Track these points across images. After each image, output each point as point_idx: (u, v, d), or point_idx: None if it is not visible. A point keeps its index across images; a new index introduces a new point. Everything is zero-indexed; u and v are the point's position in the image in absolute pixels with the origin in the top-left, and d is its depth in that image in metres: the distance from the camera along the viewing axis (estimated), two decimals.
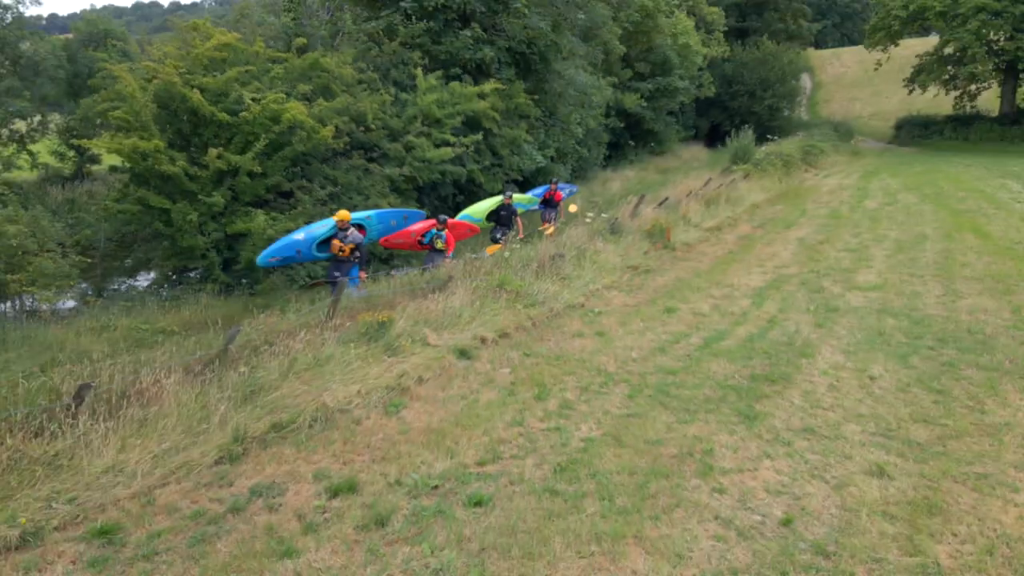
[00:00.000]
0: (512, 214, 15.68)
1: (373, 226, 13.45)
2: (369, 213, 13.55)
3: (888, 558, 4.66)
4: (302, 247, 12.08)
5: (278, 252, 11.95)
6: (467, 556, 4.79)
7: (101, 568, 4.75)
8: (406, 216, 14.16)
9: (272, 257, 11.96)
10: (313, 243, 12.17)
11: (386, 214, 13.93)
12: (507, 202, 15.51)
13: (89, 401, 6.05)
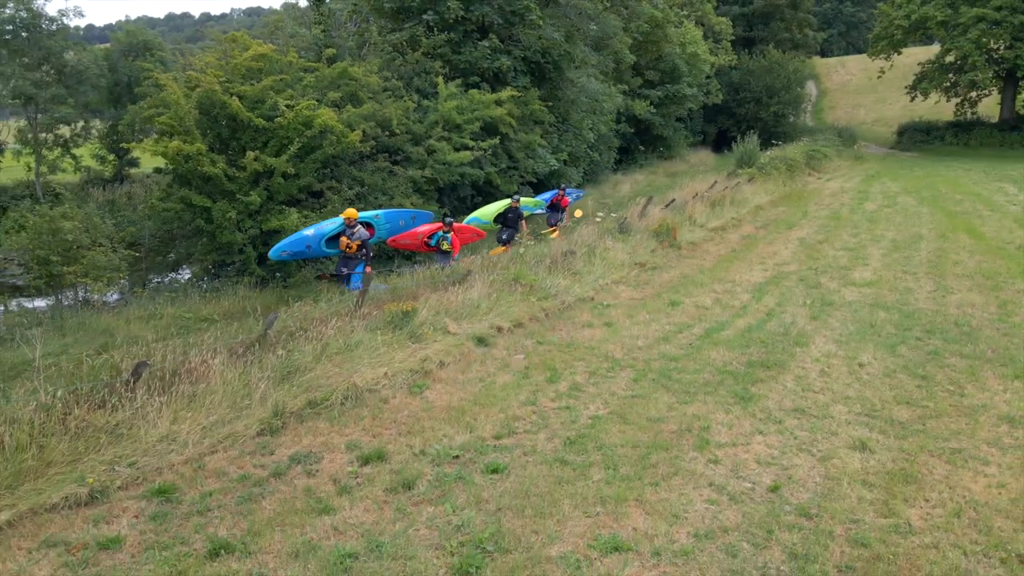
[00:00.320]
0: (519, 217, 16.18)
1: (381, 225, 13.82)
2: (378, 212, 13.91)
3: (865, 519, 5.22)
4: (311, 243, 12.59)
5: (289, 247, 12.49)
6: (485, 515, 5.37)
7: (161, 521, 5.35)
8: (414, 217, 14.54)
9: (283, 251, 12.54)
10: (322, 239, 12.66)
11: (394, 214, 14.31)
12: (514, 205, 16.04)
13: (145, 377, 6.68)
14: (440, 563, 4.75)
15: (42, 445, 5.83)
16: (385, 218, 13.94)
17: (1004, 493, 5.49)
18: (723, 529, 5.12)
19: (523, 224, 16.24)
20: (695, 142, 41.55)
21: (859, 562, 4.67)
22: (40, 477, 5.69)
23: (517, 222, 16.13)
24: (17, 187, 30.43)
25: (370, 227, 13.58)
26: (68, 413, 6.20)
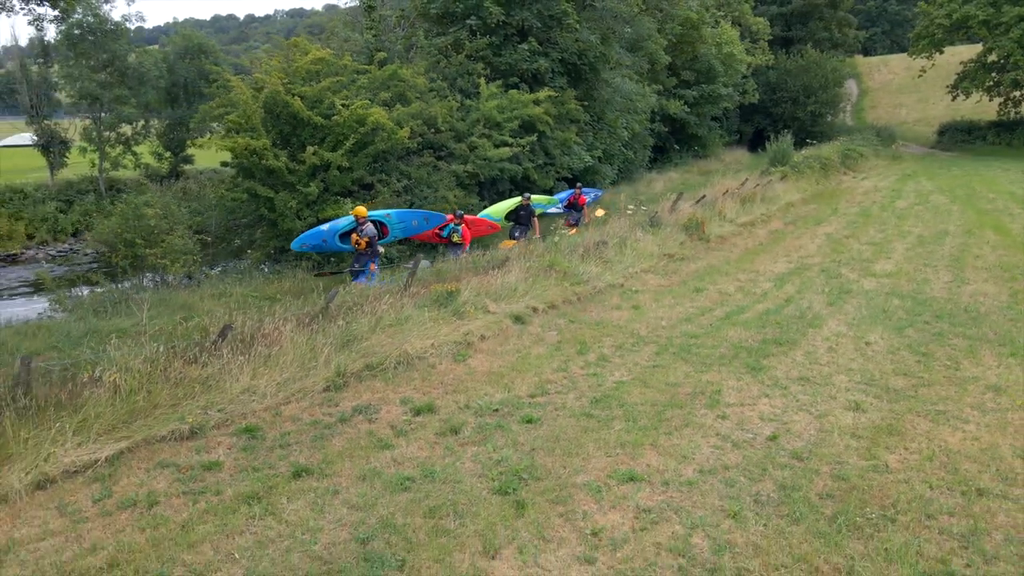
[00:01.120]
0: (530, 214, 16.43)
1: (394, 224, 14.26)
2: (389, 212, 14.41)
3: (848, 461, 6.02)
4: (327, 237, 13.23)
5: (308, 239, 13.21)
6: (521, 454, 6.29)
7: (250, 452, 6.39)
8: (427, 218, 14.95)
9: (303, 243, 13.27)
10: (335, 234, 13.25)
11: (407, 214, 14.77)
12: (525, 203, 16.42)
13: (229, 339, 7.76)
14: (483, 486, 5.69)
15: (149, 391, 6.93)
16: (397, 217, 14.42)
17: (976, 444, 6.24)
18: (724, 467, 5.97)
19: (535, 222, 16.51)
20: (730, 141, 41.89)
21: (838, 491, 5.48)
22: (149, 416, 6.79)
23: (529, 220, 16.41)
24: (82, 182, 32.20)
25: (384, 227, 14.04)
26: (168, 366, 7.30)
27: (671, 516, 5.22)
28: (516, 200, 16.73)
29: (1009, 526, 4.97)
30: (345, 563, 4.69)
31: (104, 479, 5.85)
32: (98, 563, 4.72)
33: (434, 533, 5.03)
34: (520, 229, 16.42)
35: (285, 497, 5.56)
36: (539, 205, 17.75)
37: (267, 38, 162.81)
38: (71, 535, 5.08)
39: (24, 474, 5.74)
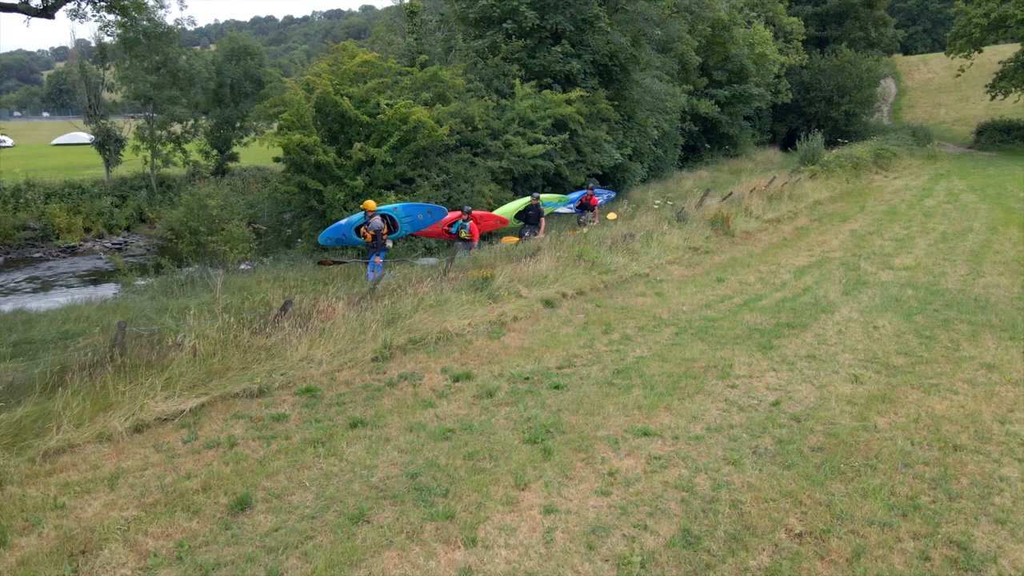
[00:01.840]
0: (539, 215, 16.60)
1: (401, 218, 14.69)
2: (397, 205, 14.85)
3: (841, 422, 6.71)
4: (345, 231, 13.83)
5: (331, 233, 13.86)
6: (548, 413, 7.09)
7: (312, 407, 7.30)
8: (431, 211, 15.27)
9: (328, 237, 13.90)
10: (351, 228, 13.77)
11: (413, 207, 15.19)
12: (534, 203, 16.49)
13: (290, 313, 8.71)
14: (515, 437, 6.51)
15: (223, 355, 7.90)
16: (404, 211, 14.89)
17: (961, 410, 6.88)
18: (729, 426, 6.71)
19: (542, 222, 16.70)
20: (763, 141, 42.11)
21: (828, 445, 6.19)
22: (222, 377, 7.75)
23: (538, 219, 16.59)
24: (135, 179, 33.80)
25: (395, 222, 14.49)
26: (238, 335, 8.27)
27: (678, 462, 5.98)
28: (526, 200, 17.03)
29: (976, 474, 5.64)
30: (398, 491, 5.56)
31: (190, 425, 6.81)
32: (193, 486, 5.65)
33: (472, 471, 5.86)
34: (529, 228, 16.65)
35: (344, 442, 6.45)
36: (549, 204, 17.96)
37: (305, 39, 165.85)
38: (168, 466, 6.04)
39: (124, 419, 6.72)
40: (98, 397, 6.85)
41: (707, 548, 4.73)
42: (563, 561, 4.64)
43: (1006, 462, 5.83)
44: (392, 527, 5.04)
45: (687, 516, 5.13)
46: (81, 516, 5.25)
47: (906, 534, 4.81)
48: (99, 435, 6.49)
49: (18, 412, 6.46)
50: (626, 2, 20.79)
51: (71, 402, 6.66)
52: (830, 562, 4.54)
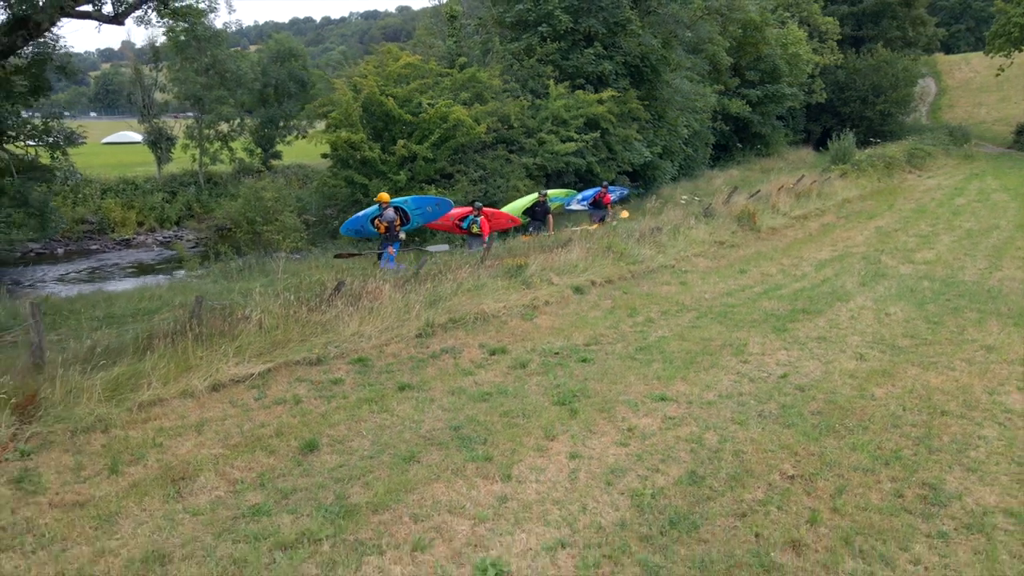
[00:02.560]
0: (546, 211, 16.79)
1: (412, 210, 15.03)
2: (407, 198, 15.22)
3: (842, 392, 7.38)
4: (363, 222, 14.37)
5: (351, 224, 14.43)
6: (576, 382, 7.88)
7: (364, 374, 8.19)
8: (438, 204, 15.60)
9: (348, 228, 14.49)
10: (367, 219, 14.27)
11: (423, 200, 15.58)
12: (541, 199, 16.74)
13: (342, 293, 9.63)
14: (545, 400, 7.32)
15: (284, 328, 8.83)
16: (414, 203, 15.22)
17: (955, 384, 7.50)
18: (739, 394, 7.43)
19: (550, 218, 16.83)
20: (796, 140, 42.22)
21: (827, 410, 6.88)
22: (284, 347, 8.68)
23: (544, 216, 16.77)
24: (184, 175, 35.30)
25: (407, 215, 14.84)
26: (297, 311, 9.20)
27: (690, 422, 6.73)
28: (534, 196, 17.26)
29: (958, 433, 6.29)
30: (443, 440, 6.40)
31: (259, 386, 7.74)
32: (268, 433, 6.57)
33: (507, 426, 6.68)
34: (535, 225, 16.88)
35: (395, 401, 7.32)
36: (557, 199, 18.22)
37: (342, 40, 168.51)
38: (244, 417, 6.96)
39: (203, 380, 7.67)
40: (180, 360, 7.81)
41: (709, 485, 5.48)
42: (585, 493, 5.43)
43: (987, 425, 6.46)
44: (439, 466, 5.88)
45: (694, 461, 5.89)
46: (176, 452, 6.19)
47: (885, 478, 5.51)
48: (183, 392, 7.45)
49: (115, 371, 7.45)
50: (657, 5, 21.48)
51: (158, 364, 7.62)
52: (815, 497, 5.26)
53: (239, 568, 4.53)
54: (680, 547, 4.66)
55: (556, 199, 18.23)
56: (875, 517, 4.94)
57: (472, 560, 4.58)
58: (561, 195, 18.70)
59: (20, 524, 5.09)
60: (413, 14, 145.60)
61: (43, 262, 26.40)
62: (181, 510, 5.28)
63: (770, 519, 4.96)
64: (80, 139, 14.50)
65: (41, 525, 5.08)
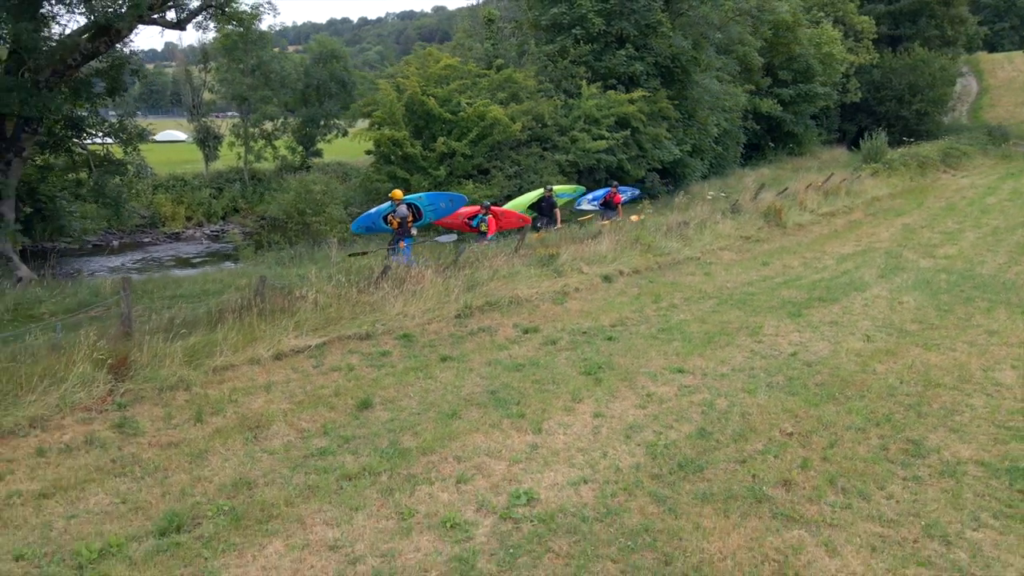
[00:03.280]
0: (552, 206, 16.89)
1: (425, 206, 15.25)
2: (422, 195, 15.54)
3: (846, 367, 8.03)
4: (375, 219, 14.69)
5: (362, 222, 14.84)
6: (601, 356, 8.63)
7: (409, 347, 9.04)
8: (452, 200, 15.88)
9: (360, 225, 14.89)
10: (379, 216, 14.57)
11: (436, 196, 15.89)
12: (547, 195, 16.84)
13: (388, 276, 10.52)
14: (572, 370, 8.09)
15: (337, 307, 9.74)
16: (428, 200, 15.50)
17: (953, 362, 8.09)
18: (750, 368, 8.12)
19: (557, 213, 16.98)
20: (830, 140, 42.19)
21: (830, 382, 7.54)
22: (336, 324, 9.58)
23: (551, 211, 16.87)
24: (230, 172, 36.70)
25: (420, 211, 15.02)
26: (348, 292, 10.11)
27: (704, 390, 7.45)
28: (539, 192, 17.38)
29: (947, 402, 6.92)
30: (482, 401, 7.22)
31: (316, 356, 8.65)
32: (327, 393, 7.46)
33: (538, 391, 7.48)
34: (542, 220, 16.97)
35: (437, 370, 8.16)
36: (564, 195, 18.49)
37: (379, 40, 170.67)
38: (304, 381, 7.87)
39: (267, 349, 8.60)
40: (247, 332, 8.75)
41: (716, 439, 6.21)
42: (606, 444, 6.20)
43: (976, 396, 7.07)
44: (478, 421, 6.70)
45: (704, 421, 6.62)
46: (250, 407, 7.11)
47: (874, 435, 6.18)
48: (250, 359, 8.37)
49: (191, 340, 8.41)
50: (688, 7, 22.08)
51: (228, 335, 8.57)
52: (809, 449, 5.96)
53: (312, 492, 5.40)
54: (686, 484, 5.41)
55: (563, 195, 18.41)
56: (860, 464, 5.63)
57: (507, 490, 5.38)
58: (568, 191, 18.89)
59: (127, 458, 6.04)
60: (449, 14, 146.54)
61: (100, 254, 27.93)
62: (259, 450, 6.18)
63: (766, 464, 5.68)
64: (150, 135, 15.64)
65: (144, 459, 6.02)
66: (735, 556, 4.44)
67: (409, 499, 5.29)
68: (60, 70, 11.92)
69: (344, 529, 4.90)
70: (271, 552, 4.65)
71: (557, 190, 17.45)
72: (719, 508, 5.01)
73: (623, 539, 4.67)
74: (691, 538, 4.65)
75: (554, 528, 4.85)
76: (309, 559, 4.57)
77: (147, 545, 4.71)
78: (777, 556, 4.43)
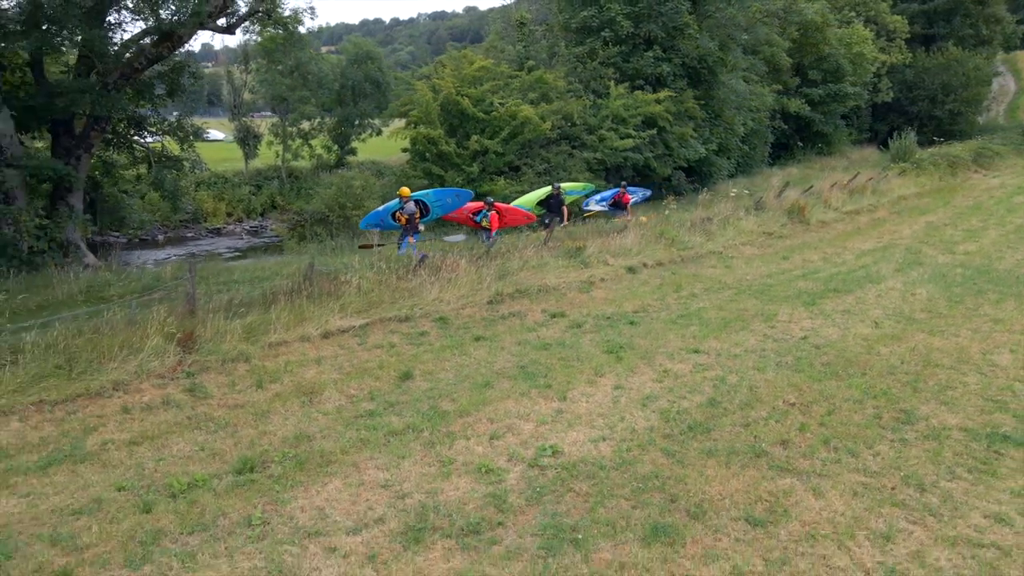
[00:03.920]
0: (560, 203, 16.87)
1: (433, 202, 15.53)
2: (429, 191, 15.90)
3: (852, 349, 8.58)
4: (383, 216, 14.92)
5: (371, 219, 15.14)
6: (623, 338, 9.28)
7: (445, 329, 9.78)
8: (458, 195, 16.15)
9: (368, 223, 15.17)
10: (388, 213, 14.71)
11: (442, 192, 16.23)
12: (555, 192, 16.86)
13: (425, 265, 11.29)
14: (596, 349, 8.76)
15: (378, 292, 10.53)
16: (434, 196, 15.79)
17: (955, 346, 8.60)
18: (762, 349, 8.71)
19: (565, 210, 17.03)
20: (861, 139, 42.14)
21: (835, 361, 8.11)
22: (378, 307, 10.37)
23: (559, 208, 16.89)
24: (268, 170, 37.90)
25: (427, 207, 15.34)
26: (388, 278, 10.90)
27: (717, 367, 8.08)
28: (546, 189, 17.47)
29: (943, 379, 7.46)
30: (512, 374, 7.93)
31: (360, 335, 9.43)
32: (372, 366, 8.23)
33: (563, 366, 8.17)
34: (550, 217, 16.99)
35: (472, 348, 8.90)
36: (573, 192, 18.59)
37: (410, 40, 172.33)
38: (351, 356, 8.65)
39: (316, 328, 9.40)
40: (297, 313, 9.57)
41: (724, 407, 6.85)
42: (624, 410, 6.87)
43: (971, 375, 7.60)
44: (509, 390, 7.42)
45: (715, 393, 7.26)
46: (303, 377, 7.91)
47: (870, 406, 6.77)
48: (301, 337, 9.19)
49: (248, 319, 9.25)
50: (715, 10, 22.59)
51: (281, 315, 9.39)
52: (808, 416, 6.57)
53: (363, 444, 6.17)
54: (694, 442, 6.07)
55: (572, 192, 18.47)
56: (853, 429, 6.23)
57: (535, 445, 6.09)
58: (578, 188, 18.98)
59: (200, 416, 6.87)
60: (480, 14, 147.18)
61: (147, 247, 29.26)
62: (314, 411, 6.97)
63: (768, 428, 6.30)
64: (205, 134, 16.69)
65: (215, 417, 6.84)
66: (732, 497, 5.09)
67: (448, 451, 6.03)
68: (127, 73, 12.95)
69: (393, 472, 5.65)
70: (332, 488, 5.41)
71: (566, 187, 17.74)
72: (722, 460, 5.66)
73: (635, 483, 5.36)
74: (695, 483, 5.31)
75: (575, 474, 5.54)
76: (365, 494, 5.33)
77: (226, 481, 5.51)
78: (769, 498, 5.08)
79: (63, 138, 13.54)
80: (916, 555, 4.38)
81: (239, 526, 4.90)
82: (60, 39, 11.74)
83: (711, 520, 4.82)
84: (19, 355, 7.47)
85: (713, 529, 4.72)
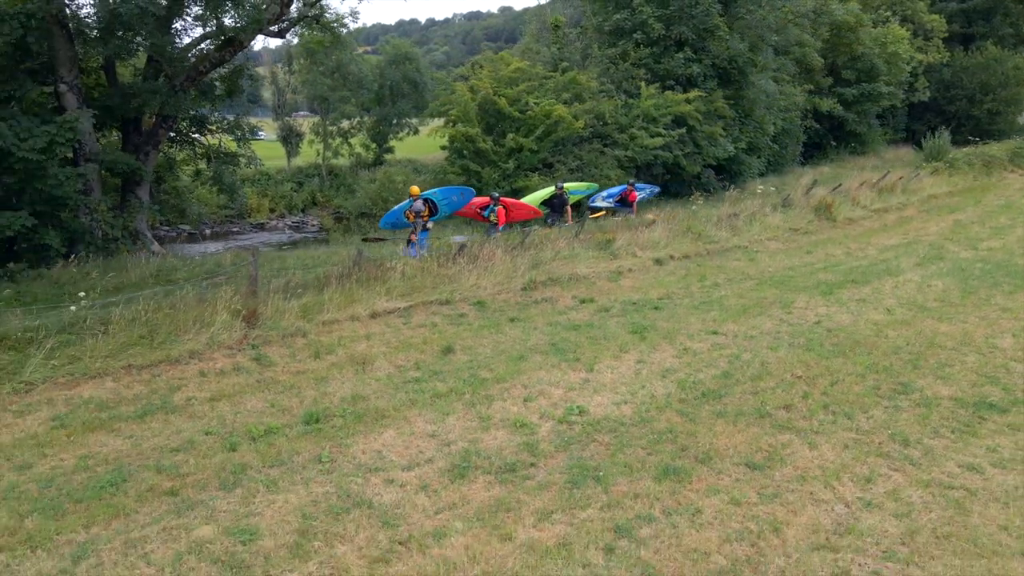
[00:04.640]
0: (563, 203, 17.28)
1: (440, 200, 15.95)
2: (435, 190, 16.30)
3: (862, 332, 9.18)
4: (398, 215, 15.49)
5: (388, 218, 15.86)
6: (647, 320, 9.99)
7: (482, 311, 10.59)
8: (463, 193, 16.54)
9: (387, 221, 15.91)
10: (401, 212, 15.25)
11: (448, 190, 16.63)
12: (559, 192, 17.23)
13: (464, 253, 12.12)
14: (622, 331, 9.50)
15: (420, 278, 11.39)
16: (442, 194, 16.23)
17: (961, 331, 9.15)
18: (777, 332, 9.36)
19: (568, 210, 17.38)
20: (896, 139, 41.98)
21: (844, 343, 8.73)
22: (419, 292, 11.22)
23: (562, 207, 17.27)
24: (309, 168, 39.19)
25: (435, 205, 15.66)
26: (430, 265, 11.76)
27: (733, 347, 8.75)
28: (550, 189, 17.77)
29: (943, 358, 8.04)
30: (544, 349, 8.71)
31: (404, 316, 10.29)
32: (416, 341, 9.08)
33: (591, 344, 8.92)
34: (553, 216, 17.31)
35: (507, 327, 9.69)
36: (577, 191, 18.90)
37: (445, 40, 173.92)
38: (397, 333, 9.51)
39: (364, 309, 10.29)
40: (347, 295, 10.47)
41: (736, 378, 7.54)
42: (645, 380, 7.61)
43: (971, 355, 8.17)
44: (541, 363, 8.20)
45: (729, 367, 7.95)
46: (355, 350, 8.78)
47: (871, 379, 7.40)
48: (351, 316, 10.08)
49: (304, 299, 10.18)
50: (746, 12, 23.08)
51: (333, 296, 10.30)
52: (812, 386, 7.23)
53: (412, 403, 7.00)
54: (706, 406, 6.78)
55: (576, 192, 18.76)
56: (852, 397, 6.88)
57: (564, 406, 6.86)
58: (582, 188, 19.22)
59: (267, 380, 7.77)
60: (515, 14, 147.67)
61: (194, 241, 30.68)
62: (367, 378, 7.83)
63: (774, 395, 6.99)
64: (260, 133, 17.80)
65: (281, 380, 7.74)
66: (736, 448, 5.81)
67: (487, 410, 6.83)
68: (193, 76, 14.06)
69: (439, 425, 6.47)
70: (387, 436, 6.25)
71: (569, 187, 18.03)
72: (729, 420, 6.38)
73: (651, 435, 6.10)
74: (704, 437, 6.04)
75: (599, 429, 6.31)
76: (415, 442, 6.16)
77: (297, 429, 6.39)
78: (768, 448, 5.78)
79: (132, 135, 14.73)
80: (892, 493, 5.05)
81: (311, 462, 5.76)
82: (135, 44, 12.89)
83: (716, 464, 5.55)
84: (108, 326, 8.48)
85: (717, 471, 5.45)
